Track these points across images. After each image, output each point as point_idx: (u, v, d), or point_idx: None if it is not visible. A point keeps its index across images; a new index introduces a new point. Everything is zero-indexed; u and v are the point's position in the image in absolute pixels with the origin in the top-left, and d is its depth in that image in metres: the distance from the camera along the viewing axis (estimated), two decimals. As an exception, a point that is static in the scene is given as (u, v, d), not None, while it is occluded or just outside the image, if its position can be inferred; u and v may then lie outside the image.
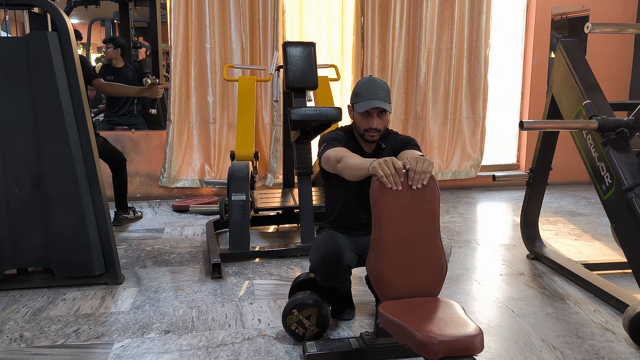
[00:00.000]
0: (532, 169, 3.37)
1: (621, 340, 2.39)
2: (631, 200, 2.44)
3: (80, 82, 2.90)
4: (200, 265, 3.38)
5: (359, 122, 2.27)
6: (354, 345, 2.20)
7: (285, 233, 4.09)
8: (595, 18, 5.45)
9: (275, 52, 4.69)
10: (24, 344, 2.38)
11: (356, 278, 2.91)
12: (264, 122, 5.10)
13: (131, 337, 2.43)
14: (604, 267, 3.24)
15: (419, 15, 5.15)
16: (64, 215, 2.89)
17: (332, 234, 2.31)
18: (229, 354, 2.28)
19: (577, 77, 2.91)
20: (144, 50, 6.21)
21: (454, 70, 5.33)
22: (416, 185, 1.90)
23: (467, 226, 4.30)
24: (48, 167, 2.85)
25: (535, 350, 2.32)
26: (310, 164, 3.59)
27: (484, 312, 2.69)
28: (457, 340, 1.62)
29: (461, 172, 5.56)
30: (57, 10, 2.79)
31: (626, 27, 3.33)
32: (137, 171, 5.07)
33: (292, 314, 2.33)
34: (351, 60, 5.20)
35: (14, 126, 2.80)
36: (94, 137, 2.97)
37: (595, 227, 4.23)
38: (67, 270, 2.96)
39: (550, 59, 5.54)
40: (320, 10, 5.13)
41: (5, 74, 2.75)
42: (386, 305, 1.89)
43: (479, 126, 5.52)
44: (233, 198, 3.36)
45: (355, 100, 2.26)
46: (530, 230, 3.51)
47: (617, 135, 2.56)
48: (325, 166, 2.24)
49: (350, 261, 2.24)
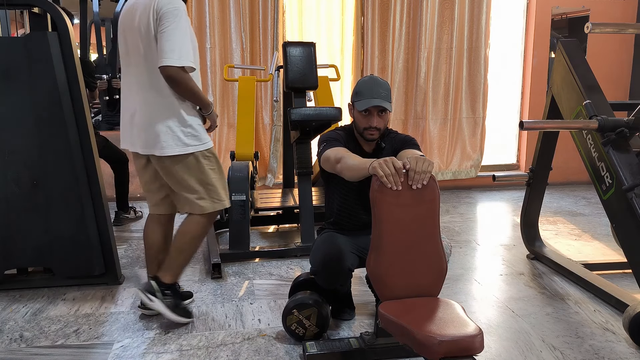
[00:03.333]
0: (532, 169, 3.37)
1: (621, 340, 2.39)
2: (631, 200, 2.44)
3: (81, 82, 2.90)
4: (200, 265, 3.38)
5: (359, 121, 2.26)
6: (354, 345, 2.20)
7: (285, 233, 4.09)
8: (595, 18, 5.45)
9: (275, 52, 4.69)
10: (24, 344, 2.38)
11: (356, 278, 2.91)
12: (264, 122, 5.10)
13: (131, 337, 2.43)
14: (604, 267, 3.24)
15: (419, 15, 5.15)
16: (64, 215, 2.89)
17: (332, 236, 2.31)
18: (229, 354, 2.28)
19: (577, 77, 2.91)
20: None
21: (454, 71, 5.33)
22: (416, 185, 1.90)
23: (467, 226, 4.30)
24: (48, 167, 2.85)
25: (535, 350, 2.32)
26: (310, 164, 3.59)
27: (484, 312, 2.69)
28: (457, 340, 1.62)
29: (461, 172, 5.57)
30: (57, 10, 2.79)
31: (626, 27, 3.33)
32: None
33: (292, 314, 2.33)
34: (351, 60, 5.19)
35: (14, 126, 2.80)
36: (94, 137, 2.98)
37: (595, 227, 4.23)
38: (67, 270, 2.96)
39: (550, 59, 5.53)
40: (320, 10, 5.13)
41: (5, 74, 2.75)
42: (386, 305, 1.89)
43: (479, 126, 5.52)
44: (233, 198, 3.35)
45: (356, 99, 2.26)
46: (530, 230, 3.51)
47: (617, 135, 2.56)
48: (325, 166, 2.24)
49: (351, 264, 2.23)
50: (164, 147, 2.39)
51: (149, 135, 2.41)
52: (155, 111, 2.38)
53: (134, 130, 2.47)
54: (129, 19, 2.40)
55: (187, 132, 2.42)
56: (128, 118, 2.49)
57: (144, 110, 2.41)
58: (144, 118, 2.41)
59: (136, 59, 2.40)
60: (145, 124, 2.41)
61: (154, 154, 2.43)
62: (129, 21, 2.40)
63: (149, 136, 2.41)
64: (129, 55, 2.44)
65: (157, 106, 2.38)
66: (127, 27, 2.41)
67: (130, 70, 2.46)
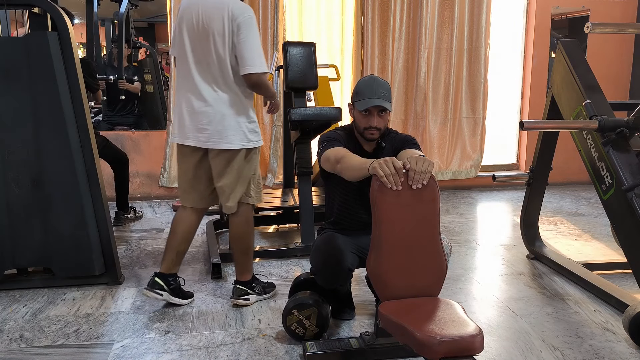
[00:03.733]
0: (532, 169, 3.37)
1: (621, 340, 2.39)
2: (631, 200, 2.44)
3: (81, 82, 2.90)
4: (200, 265, 3.38)
5: (359, 121, 2.26)
6: (354, 345, 2.20)
7: (285, 233, 4.09)
8: (595, 18, 5.45)
9: (275, 52, 4.69)
10: (24, 344, 2.38)
11: (356, 278, 2.91)
12: (264, 122, 5.10)
13: (131, 337, 2.43)
14: (604, 267, 3.24)
15: (419, 15, 5.15)
16: (64, 215, 2.89)
17: (332, 236, 2.31)
18: (229, 354, 2.28)
19: (577, 77, 2.91)
20: (143, 50, 6.21)
21: (454, 71, 5.34)
22: (416, 185, 1.90)
23: (467, 226, 4.30)
24: (48, 167, 2.85)
25: (535, 350, 2.32)
26: (310, 164, 3.59)
27: (484, 312, 2.69)
28: (457, 340, 1.62)
29: (461, 172, 5.57)
30: (57, 10, 2.79)
31: (626, 27, 3.34)
32: (137, 171, 5.07)
33: (292, 314, 2.33)
34: (351, 60, 5.20)
35: (14, 126, 2.80)
36: (94, 137, 2.97)
37: (595, 227, 4.23)
38: (67, 270, 2.96)
39: (550, 59, 5.54)
40: (320, 10, 5.13)
41: (5, 74, 2.75)
42: (386, 305, 1.89)
43: (479, 126, 5.52)
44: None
45: (356, 99, 2.25)
46: (530, 230, 3.51)
47: (617, 135, 2.56)
48: (325, 166, 2.24)
49: (351, 264, 2.23)
50: (232, 141, 2.58)
51: (216, 129, 2.56)
52: (227, 108, 2.58)
53: (195, 124, 2.59)
54: (194, 16, 2.54)
55: (251, 129, 2.65)
56: (189, 113, 2.61)
57: (214, 106, 2.57)
58: (214, 113, 2.56)
59: (207, 57, 2.55)
60: (215, 119, 2.56)
61: (219, 147, 2.59)
62: (194, 18, 2.54)
63: (215, 130, 2.57)
64: (193, 52, 2.57)
65: (228, 103, 2.58)
66: (193, 24, 2.55)
67: (197, 67, 2.57)
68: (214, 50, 2.52)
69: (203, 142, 2.60)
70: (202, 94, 2.56)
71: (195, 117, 2.58)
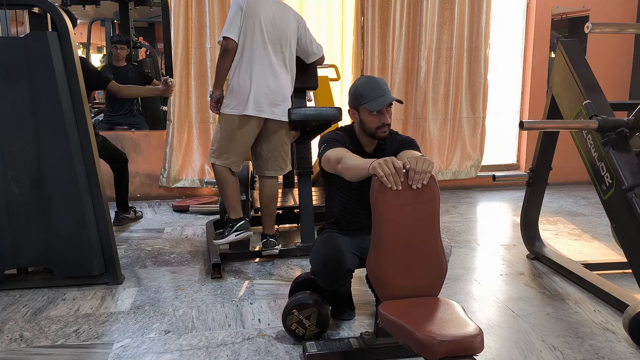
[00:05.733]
0: (532, 169, 3.37)
1: (621, 340, 2.39)
2: (631, 200, 2.44)
3: (81, 82, 2.90)
4: (200, 265, 3.38)
5: (370, 121, 2.25)
6: (354, 345, 2.20)
7: (285, 233, 4.09)
8: (595, 18, 5.45)
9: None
10: (24, 344, 2.38)
11: (356, 278, 2.91)
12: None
13: (131, 337, 2.43)
14: (604, 267, 3.24)
15: (419, 15, 5.15)
16: (63, 215, 2.89)
17: (332, 236, 2.31)
18: (229, 354, 2.28)
19: (577, 77, 2.91)
20: (143, 50, 6.22)
21: (454, 70, 5.33)
22: (416, 185, 1.90)
23: (467, 226, 4.30)
24: (48, 167, 2.85)
25: (535, 350, 2.32)
26: (310, 164, 3.59)
27: (484, 312, 2.70)
28: (457, 340, 1.62)
29: (461, 172, 5.56)
30: (57, 10, 2.79)
31: (626, 27, 3.34)
32: (137, 171, 5.07)
33: (292, 314, 2.33)
34: (351, 60, 5.20)
35: (14, 126, 2.80)
36: (94, 137, 2.97)
37: (595, 227, 4.23)
38: (67, 270, 2.96)
39: (550, 59, 5.54)
40: (320, 10, 5.13)
41: (5, 74, 2.75)
42: (386, 305, 1.89)
43: (479, 126, 5.52)
44: (233, 198, 3.35)
45: (362, 101, 2.23)
46: (530, 230, 3.51)
47: (617, 135, 2.56)
48: (326, 167, 2.24)
49: (352, 265, 2.23)
50: (288, 115, 3.22)
51: (285, 105, 3.20)
52: (289, 88, 3.25)
53: (271, 100, 3.14)
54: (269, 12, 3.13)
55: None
56: (267, 90, 3.14)
57: (283, 87, 3.20)
58: (283, 92, 3.19)
59: (280, 48, 3.19)
60: (283, 96, 3.19)
61: (283, 119, 3.21)
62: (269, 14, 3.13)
63: (285, 106, 3.20)
64: (267, 43, 3.14)
65: (289, 85, 3.27)
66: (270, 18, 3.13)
67: (273, 56, 3.16)
68: (288, 44, 3.20)
69: (279, 115, 3.18)
70: (277, 77, 3.16)
71: (271, 95, 3.13)
